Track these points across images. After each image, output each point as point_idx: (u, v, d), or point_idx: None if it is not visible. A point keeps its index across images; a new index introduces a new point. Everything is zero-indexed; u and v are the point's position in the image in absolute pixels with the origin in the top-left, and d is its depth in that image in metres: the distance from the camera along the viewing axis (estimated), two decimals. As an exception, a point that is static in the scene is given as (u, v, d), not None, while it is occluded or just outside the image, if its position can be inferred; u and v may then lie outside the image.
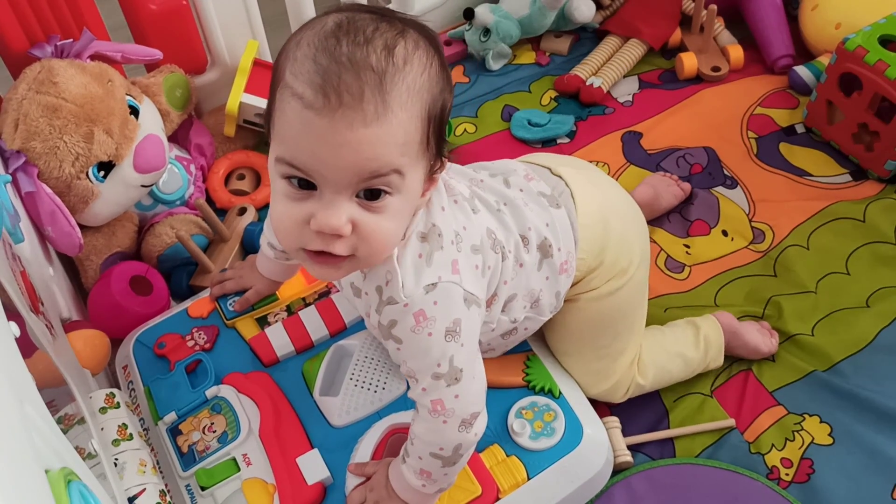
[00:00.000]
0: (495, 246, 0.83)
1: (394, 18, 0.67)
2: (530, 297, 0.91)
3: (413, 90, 0.65)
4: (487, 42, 1.57)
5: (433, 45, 0.68)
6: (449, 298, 0.76)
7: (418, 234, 0.76)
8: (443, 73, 0.69)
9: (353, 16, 0.67)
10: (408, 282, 0.75)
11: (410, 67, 0.65)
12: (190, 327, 1.09)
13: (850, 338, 1.17)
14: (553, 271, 0.90)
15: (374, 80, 0.63)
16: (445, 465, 0.83)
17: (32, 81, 1.10)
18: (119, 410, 0.94)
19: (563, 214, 0.91)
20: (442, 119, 0.69)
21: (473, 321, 0.79)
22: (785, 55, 1.51)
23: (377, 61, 0.63)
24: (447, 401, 0.79)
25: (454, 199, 0.81)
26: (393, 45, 0.65)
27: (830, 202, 1.33)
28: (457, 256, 0.77)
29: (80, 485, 0.58)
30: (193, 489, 0.95)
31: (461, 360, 0.78)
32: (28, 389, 0.59)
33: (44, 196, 1.07)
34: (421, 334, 0.76)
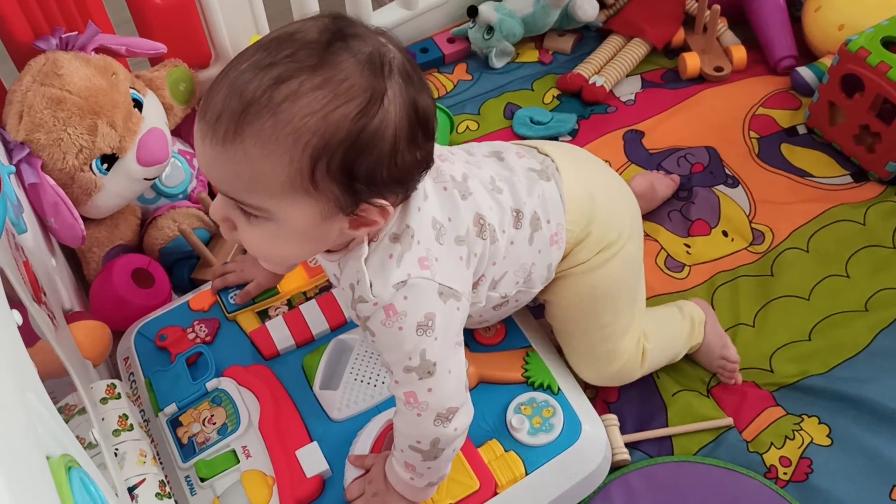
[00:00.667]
0: (483, 232, 0.83)
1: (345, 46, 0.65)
2: (522, 271, 0.91)
3: (283, 129, 0.63)
4: (491, 40, 1.57)
5: (372, 87, 0.65)
6: (420, 293, 0.76)
7: (391, 235, 0.76)
8: (361, 120, 0.64)
9: (306, 28, 0.66)
10: (376, 282, 0.75)
11: (289, 105, 0.63)
12: (191, 320, 1.10)
13: (849, 341, 1.17)
14: (544, 244, 0.91)
15: (237, 107, 0.63)
16: (426, 459, 0.83)
17: (37, 73, 1.11)
18: (120, 401, 0.94)
19: (553, 187, 0.91)
20: (350, 167, 0.66)
21: (450, 316, 0.78)
22: (788, 56, 1.51)
23: (254, 90, 0.63)
24: (420, 394, 0.79)
25: (443, 187, 0.81)
26: (286, 77, 0.63)
27: (831, 204, 1.33)
28: (426, 253, 0.77)
29: (81, 472, 0.59)
30: (193, 480, 0.96)
31: (434, 354, 0.78)
32: (30, 377, 0.60)
33: (47, 187, 1.08)
34: (392, 328, 0.76)
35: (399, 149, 0.67)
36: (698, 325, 1.12)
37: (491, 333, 1.05)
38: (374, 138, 0.66)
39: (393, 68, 0.66)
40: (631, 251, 0.99)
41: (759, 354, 1.17)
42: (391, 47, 0.68)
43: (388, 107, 0.65)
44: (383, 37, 0.69)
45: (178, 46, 1.32)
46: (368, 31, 0.68)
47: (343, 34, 0.65)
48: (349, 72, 0.64)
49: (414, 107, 0.67)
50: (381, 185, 0.69)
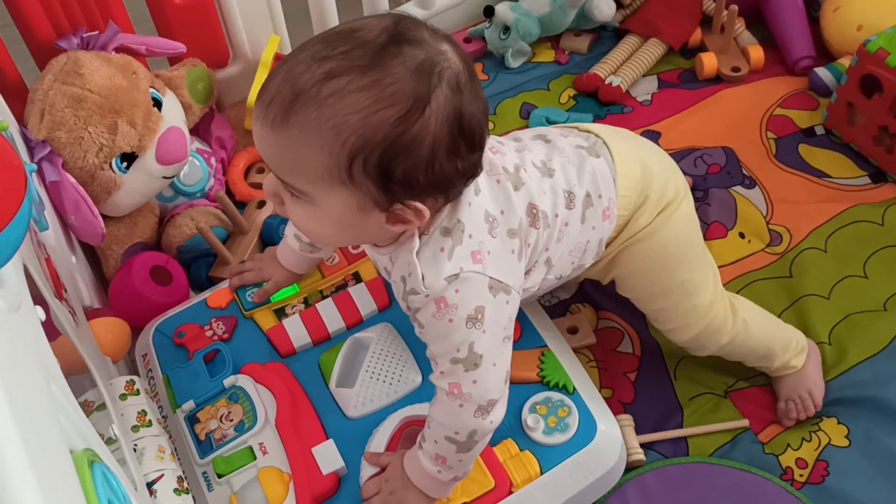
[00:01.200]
0: (536, 221, 0.84)
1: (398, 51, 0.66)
2: (578, 250, 0.92)
3: (326, 123, 0.66)
4: (507, 40, 1.58)
5: (416, 95, 0.66)
6: (471, 287, 0.77)
7: (441, 229, 0.77)
8: (401, 126, 0.66)
9: (368, 27, 0.68)
10: (428, 274, 0.77)
11: (335, 101, 0.65)
12: (209, 317, 1.11)
13: (868, 341, 1.17)
14: (598, 219, 0.91)
15: (288, 94, 0.67)
16: (460, 451, 0.84)
17: (59, 72, 1.12)
18: (139, 397, 0.95)
19: (603, 162, 0.92)
20: (387, 168, 0.68)
21: (500, 308, 0.80)
22: (805, 56, 1.51)
23: (305, 81, 0.66)
24: (464, 385, 0.80)
25: (496, 179, 0.82)
26: (336, 74, 0.65)
27: (849, 204, 1.32)
28: (479, 247, 0.78)
29: (103, 466, 0.59)
30: (210, 476, 0.96)
31: (482, 347, 0.79)
32: (54, 371, 0.61)
33: (68, 185, 1.09)
34: (442, 320, 0.78)
35: (437, 157, 0.69)
36: (800, 348, 1.10)
37: (507, 332, 1.05)
38: (411, 144, 0.68)
39: (442, 78, 0.67)
40: (688, 208, 0.99)
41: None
42: (450, 55, 0.69)
43: (428, 116, 0.67)
44: (446, 42, 0.70)
45: (196, 46, 1.33)
46: (430, 36, 0.69)
47: (401, 38, 0.67)
48: (397, 77, 0.66)
49: (458, 119, 0.69)
50: (418, 189, 0.71)
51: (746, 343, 1.06)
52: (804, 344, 1.11)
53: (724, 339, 1.05)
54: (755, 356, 1.09)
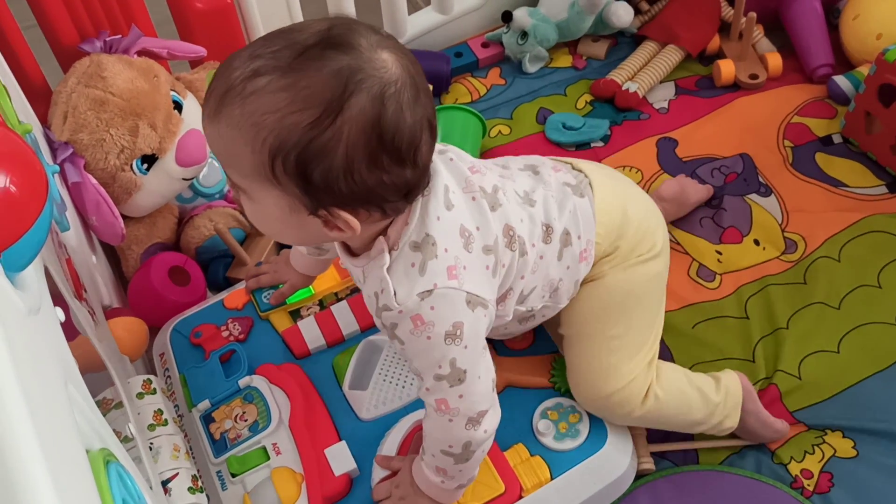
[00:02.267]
0: (512, 243, 0.83)
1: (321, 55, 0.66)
2: (549, 286, 0.91)
3: (248, 120, 0.66)
4: (525, 45, 1.58)
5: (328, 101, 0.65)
6: (447, 303, 0.76)
7: (411, 243, 0.76)
8: (312, 130, 0.66)
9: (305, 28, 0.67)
10: (400, 290, 0.76)
11: (255, 99, 0.65)
12: (225, 318, 1.12)
13: (879, 354, 1.16)
14: (573, 260, 0.91)
15: (221, 89, 0.67)
16: (458, 462, 0.84)
17: (82, 75, 1.14)
18: (155, 396, 0.97)
19: (586, 203, 0.91)
20: (304, 171, 0.67)
21: (478, 323, 0.79)
22: (824, 64, 1.50)
23: (236, 77, 0.66)
24: (451, 400, 0.80)
25: (472, 196, 0.81)
26: (261, 72, 0.65)
27: (865, 214, 1.32)
28: (455, 262, 0.77)
29: (119, 466, 0.61)
30: (224, 475, 0.98)
31: (464, 362, 0.79)
32: (71, 371, 0.62)
33: (89, 186, 1.11)
34: (420, 337, 0.77)
35: (354, 167, 0.68)
36: (732, 403, 1.03)
37: (519, 339, 1.06)
38: (324, 150, 0.67)
39: (362, 87, 0.66)
40: (655, 268, 0.97)
41: (788, 359, 1.16)
42: (386, 65, 0.67)
43: (340, 125, 0.66)
44: (389, 52, 0.68)
45: (217, 49, 1.34)
46: (368, 44, 0.67)
47: (330, 43, 0.66)
48: (312, 81, 0.65)
49: (376, 130, 0.67)
50: (343, 198, 0.70)
51: (660, 422, 1.02)
52: (736, 399, 1.04)
53: (629, 416, 0.98)
54: (679, 427, 1.04)
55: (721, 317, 1.22)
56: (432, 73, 1.54)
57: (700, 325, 1.21)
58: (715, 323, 1.21)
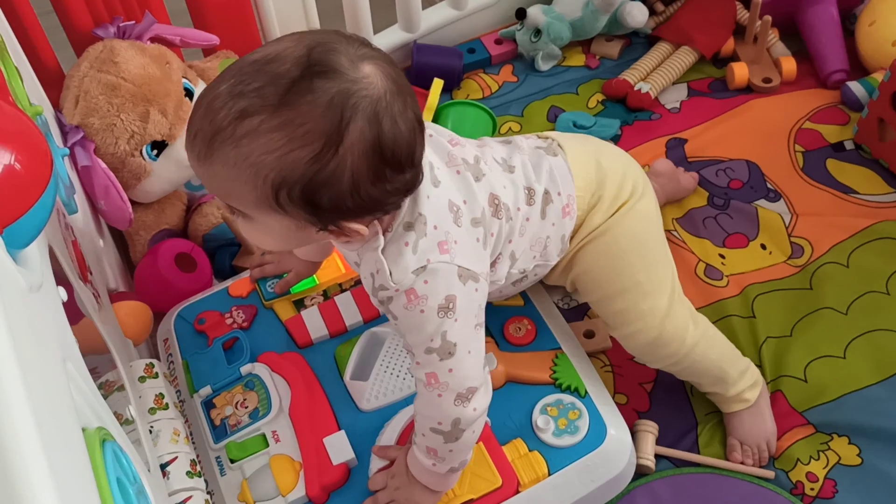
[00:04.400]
0: (498, 211, 0.85)
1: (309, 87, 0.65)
2: (539, 245, 0.94)
3: (244, 161, 0.67)
4: (538, 43, 1.58)
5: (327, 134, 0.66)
6: (440, 277, 0.78)
7: (404, 224, 0.78)
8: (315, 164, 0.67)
9: (282, 57, 0.66)
10: (395, 270, 0.77)
11: (250, 141, 0.66)
12: (230, 306, 1.13)
13: (886, 361, 1.16)
14: (557, 216, 0.93)
15: (208, 131, 0.67)
16: (448, 441, 0.85)
17: (94, 60, 1.15)
18: (157, 380, 0.98)
19: (560, 160, 0.95)
20: (311, 199, 0.69)
21: (470, 296, 0.80)
22: (839, 70, 1.49)
23: (222, 118, 0.66)
24: (441, 374, 0.81)
25: (456, 170, 0.83)
26: (250, 113, 0.65)
27: (874, 220, 1.31)
28: (446, 237, 0.79)
29: (115, 445, 0.61)
30: (223, 461, 0.98)
31: (455, 336, 0.80)
32: (71, 349, 0.63)
33: (99, 171, 1.12)
34: (413, 311, 0.78)
35: (360, 186, 0.69)
36: (754, 380, 1.08)
37: (521, 334, 1.06)
38: (329, 180, 0.68)
39: (357, 112, 0.66)
40: (646, 207, 1.00)
41: (794, 363, 1.16)
42: (370, 80, 0.67)
43: (343, 154, 0.67)
44: (369, 64, 0.68)
45: (230, 38, 1.35)
46: (349, 61, 0.67)
47: (314, 71, 0.66)
48: (307, 116, 0.66)
49: (377, 149, 0.68)
50: (350, 213, 0.72)
51: (704, 359, 1.04)
52: (759, 379, 1.09)
53: (683, 347, 1.01)
54: (711, 377, 1.06)
55: (728, 316, 1.22)
56: (445, 69, 1.54)
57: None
58: (721, 325, 1.21)
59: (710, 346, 1.04)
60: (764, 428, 1.09)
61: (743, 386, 1.07)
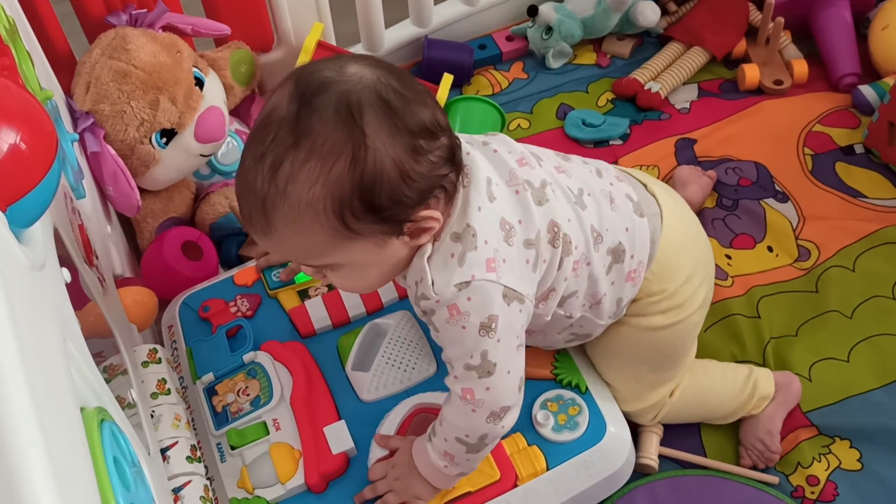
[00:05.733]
0: (556, 240, 0.82)
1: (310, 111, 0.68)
2: (592, 297, 0.90)
3: (299, 208, 0.69)
4: (549, 40, 1.58)
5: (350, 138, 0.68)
6: (484, 295, 0.77)
7: (452, 234, 0.77)
8: (357, 169, 0.68)
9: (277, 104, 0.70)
10: (438, 280, 0.77)
11: (294, 186, 0.68)
12: (234, 294, 1.13)
13: (890, 366, 1.15)
14: (620, 277, 0.90)
15: (257, 204, 0.70)
16: (469, 452, 0.85)
17: (106, 47, 1.16)
18: (160, 366, 0.98)
19: (645, 225, 0.91)
20: (373, 205, 0.70)
21: (513, 317, 0.79)
22: (850, 73, 1.49)
23: (261, 185, 0.69)
24: (477, 391, 0.81)
25: (516, 190, 0.81)
26: (279, 163, 0.68)
27: (882, 225, 1.30)
28: (494, 255, 0.78)
29: (113, 425, 0.62)
30: (224, 447, 0.99)
31: (496, 356, 0.79)
32: (72, 329, 0.63)
33: (108, 157, 1.12)
34: (455, 327, 0.78)
35: (407, 169, 0.71)
36: (759, 399, 1.07)
37: (524, 329, 1.06)
38: (377, 176, 0.70)
39: (363, 104, 0.68)
40: (695, 321, 0.98)
41: (799, 362, 1.16)
42: (360, 74, 0.70)
43: (373, 146, 0.69)
44: (352, 63, 0.71)
45: (242, 29, 1.36)
46: (334, 68, 0.70)
47: (307, 95, 0.69)
48: (325, 133, 0.68)
49: (405, 129, 0.70)
50: (412, 202, 0.73)
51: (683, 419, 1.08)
52: (764, 392, 1.07)
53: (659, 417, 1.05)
54: (713, 419, 1.10)
55: (732, 315, 1.21)
56: (455, 64, 1.54)
57: (712, 327, 1.21)
58: (726, 324, 1.21)
59: (688, 412, 1.07)
60: (759, 428, 1.08)
61: (747, 411, 1.07)
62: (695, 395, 1.05)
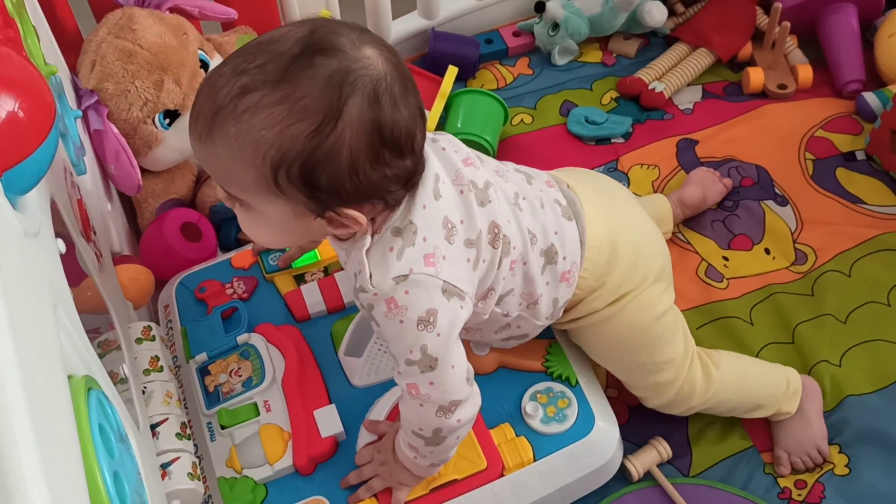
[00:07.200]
0: (496, 240, 0.82)
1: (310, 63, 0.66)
2: (529, 297, 0.90)
3: (245, 138, 0.67)
4: (555, 37, 1.58)
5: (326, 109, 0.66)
6: (422, 289, 0.76)
7: (393, 229, 0.77)
8: (314, 139, 0.67)
9: (285, 37, 0.67)
10: (376, 273, 0.76)
11: (250, 117, 0.66)
12: (231, 276, 1.14)
13: (882, 371, 1.15)
14: (554, 278, 0.90)
15: (209, 110, 0.67)
16: (429, 445, 0.85)
17: (113, 26, 1.16)
18: (154, 343, 0.99)
19: (573, 227, 0.91)
20: (309, 178, 0.69)
21: (453, 313, 0.79)
22: (855, 80, 1.49)
23: (224, 96, 0.66)
24: (422, 386, 0.80)
25: (460, 190, 0.81)
26: (251, 89, 0.66)
27: (880, 231, 1.31)
28: (434, 251, 0.77)
29: (101, 394, 0.62)
30: (214, 427, 1.00)
31: (436, 350, 0.79)
32: (64, 298, 0.64)
33: (110, 135, 1.13)
34: (393, 321, 0.77)
35: (359, 167, 0.69)
36: (791, 392, 1.07)
37: (517, 321, 1.07)
38: (328, 156, 0.68)
39: (355, 89, 0.67)
40: (649, 297, 0.97)
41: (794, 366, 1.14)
42: (371, 62, 0.68)
43: (342, 129, 0.67)
44: (371, 47, 0.69)
45: (249, 14, 1.36)
46: (350, 42, 0.68)
47: (315, 49, 0.67)
48: (306, 91, 0.66)
49: (376, 129, 0.68)
50: (347, 197, 0.71)
51: (727, 402, 1.06)
52: (797, 386, 1.08)
53: (694, 403, 1.04)
54: (740, 410, 1.08)
55: (726, 318, 1.22)
56: (461, 57, 1.55)
57: (705, 326, 1.21)
58: (720, 325, 1.21)
59: (731, 390, 1.05)
60: (811, 434, 1.07)
61: (777, 405, 1.07)
62: (732, 379, 1.05)
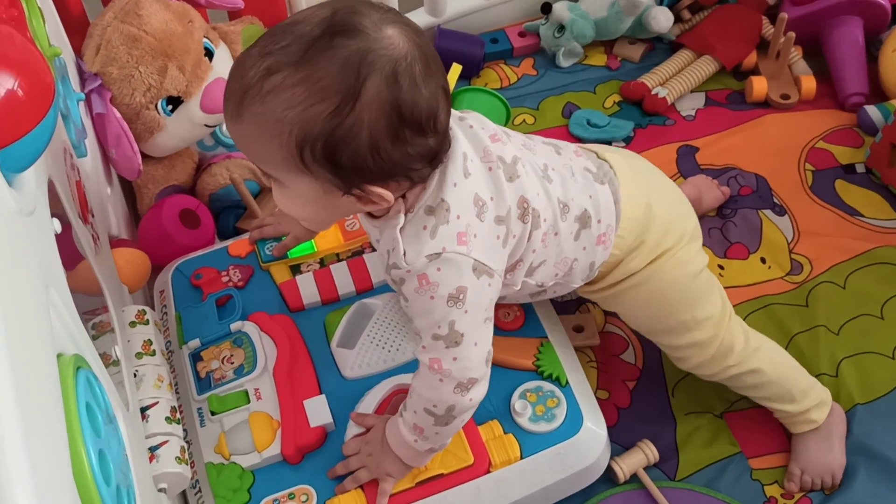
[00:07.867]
0: (525, 215, 0.84)
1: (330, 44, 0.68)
2: (563, 264, 0.92)
3: (270, 117, 0.69)
4: (561, 39, 1.59)
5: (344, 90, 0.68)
6: (453, 267, 0.79)
7: (426, 207, 0.78)
8: (334, 119, 0.68)
9: (308, 19, 0.69)
10: (409, 251, 0.78)
11: (274, 97, 0.68)
12: (227, 264, 1.14)
13: (871, 384, 1.15)
14: (591, 242, 0.92)
15: (238, 91, 0.70)
16: (437, 424, 0.86)
17: (119, 11, 1.17)
18: (147, 327, 0.99)
19: (607, 190, 0.93)
20: (332, 156, 0.70)
21: (482, 290, 0.81)
22: (857, 93, 1.49)
23: (251, 77, 0.69)
24: (445, 362, 0.82)
25: (489, 167, 0.82)
26: (274, 70, 0.68)
27: (876, 245, 1.31)
28: (466, 229, 0.79)
29: (90, 374, 0.63)
30: (204, 412, 1.00)
31: (463, 326, 0.81)
32: (57, 277, 0.64)
33: (113, 119, 1.14)
34: (424, 296, 0.79)
35: (380, 146, 0.71)
36: (821, 400, 1.07)
37: (510, 319, 1.07)
38: (348, 136, 0.70)
39: (373, 69, 0.68)
40: (686, 254, 0.99)
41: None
42: (393, 41, 0.69)
43: (360, 110, 0.69)
44: (393, 27, 0.70)
45: (256, 4, 1.36)
46: (372, 23, 0.69)
47: (335, 30, 0.68)
48: (325, 72, 0.68)
49: (395, 108, 0.70)
50: (371, 175, 0.73)
51: (759, 375, 1.04)
52: (827, 400, 1.08)
53: (732, 361, 1.03)
54: (769, 392, 1.07)
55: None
56: (466, 56, 1.55)
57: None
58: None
59: (765, 362, 1.05)
60: (830, 459, 1.07)
61: (808, 405, 1.06)
62: (769, 354, 1.05)
